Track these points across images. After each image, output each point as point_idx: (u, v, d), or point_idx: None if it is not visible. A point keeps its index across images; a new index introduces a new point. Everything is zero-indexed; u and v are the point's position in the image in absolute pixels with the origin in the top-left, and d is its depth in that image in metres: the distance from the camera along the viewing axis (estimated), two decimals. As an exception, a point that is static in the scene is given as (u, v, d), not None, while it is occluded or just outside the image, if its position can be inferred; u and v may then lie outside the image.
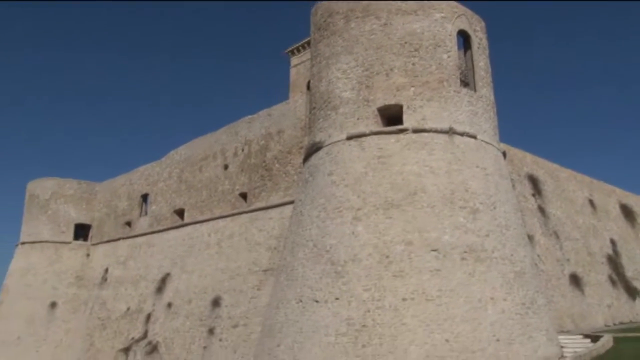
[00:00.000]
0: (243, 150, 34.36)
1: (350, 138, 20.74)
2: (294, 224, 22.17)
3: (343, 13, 22.31)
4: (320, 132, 22.11)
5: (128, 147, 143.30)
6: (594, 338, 21.83)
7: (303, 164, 23.83)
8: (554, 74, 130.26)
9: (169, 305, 35.25)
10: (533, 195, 32.98)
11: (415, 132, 20.17)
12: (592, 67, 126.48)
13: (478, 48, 23.16)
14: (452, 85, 21.03)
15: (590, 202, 39.61)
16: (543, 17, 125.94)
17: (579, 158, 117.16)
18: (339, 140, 21.00)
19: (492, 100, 23.02)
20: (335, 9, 22.70)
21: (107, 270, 44.57)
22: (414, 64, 20.92)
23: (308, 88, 28.91)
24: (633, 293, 37.66)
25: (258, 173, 32.64)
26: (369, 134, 20.49)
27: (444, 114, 20.58)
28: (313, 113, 23.31)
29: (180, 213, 38.63)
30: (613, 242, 39.71)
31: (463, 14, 22.59)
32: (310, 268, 19.78)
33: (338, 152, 20.89)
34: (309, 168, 22.40)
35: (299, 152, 29.48)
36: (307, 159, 23.00)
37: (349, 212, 19.58)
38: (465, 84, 22.19)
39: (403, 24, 21.34)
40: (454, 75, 21.24)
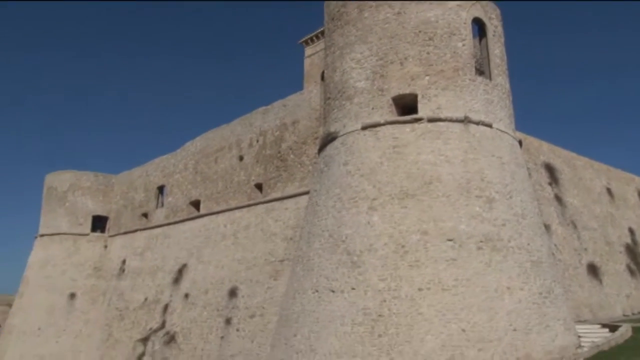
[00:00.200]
0: (258, 141, 34.41)
1: (365, 128, 20.68)
2: (310, 214, 22.20)
3: (357, 2, 22.15)
4: (335, 122, 22.08)
5: (144, 139, 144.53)
6: (612, 328, 21.59)
7: (318, 154, 23.82)
8: (572, 63, 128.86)
9: (186, 296, 35.52)
10: (550, 184, 32.71)
11: (431, 121, 20.04)
12: (611, 55, 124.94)
13: (493, 36, 22.92)
14: (467, 74, 20.84)
15: (608, 190, 39.19)
16: (560, 4, 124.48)
17: (596, 147, 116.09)
18: (354, 130, 20.95)
19: (507, 89, 22.80)
20: (349, -2, 22.56)
21: (124, 262, 44.99)
22: (429, 53, 20.75)
23: (322, 78, 28.82)
24: (652, 282, 37.34)
25: (273, 164, 32.68)
26: (384, 124, 20.40)
27: (459, 103, 20.42)
28: (328, 103, 23.26)
29: (196, 204, 38.84)
30: (631, 231, 39.31)
31: (478, 2, 22.32)
32: (326, 258, 19.82)
33: (353, 142, 20.84)
34: (324, 158, 22.38)
35: (314, 142, 29.47)
36: (322, 149, 22.98)
37: (365, 202, 19.56)
38: (481, 73, 21.98)
39: (417, 13, 21.15)
40: (469, 64, 21.04)
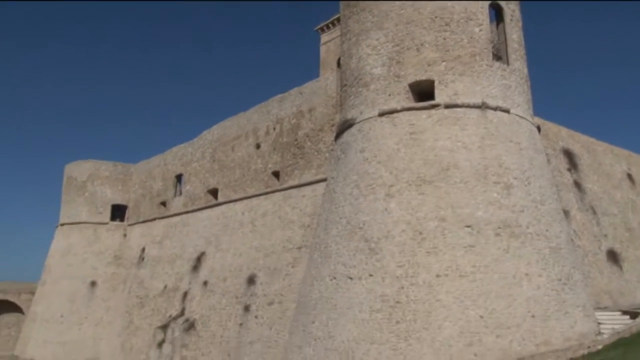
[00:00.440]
0: (275, 129, 34.44)
1: (382, 114, 20.57)
2: (327, 202, 22.23)
3: (373, -12, 22.00)
4: (352, 109, 22.02)
5: (161, 129, 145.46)
6: (633, 314, 21.39)
7: (335, 142, 23.80)
8: (592, 48, 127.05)
9: (205, 284, 35.83)
10: (569, 170, 32.38)
11: (447, 107, 19.87)
12: (632, 40, 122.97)
13: (511, 20, 22.63)
14: (484, 59, 20.62)
15: (629, 176, 38.68)
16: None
17: (617, 133, 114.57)
18: (371, 117, 20.86)
19: (525, 74, 22.54)
20: (365, -15, 22.38)
21: (143, 250, 45.48)
22: (445, 39, 20.54)
23: (338, 65, 28.72)
24: (673, 269, 36.89)
25: (290, 151, 32.72)
26: (401, 110, 20.28)
27: (477, 89, 20.24)
28: (344, 90, 23.19)
29: (214, 192, 39.07)
30: (653, 216, 38.84)
31: (495, -14, 22.07)
32: (344, 245, 19.86)
33: (370, 128, 20.78)
34: (341, 145, 22.36)
35: (331, 129, 29.43)
36: (338, 136, 22.95)
37: (382, 188, 19.53)
38: (498, 58, 21.73)
39: (433, -2, 20.94)
40: (486, 49, 20.80)
